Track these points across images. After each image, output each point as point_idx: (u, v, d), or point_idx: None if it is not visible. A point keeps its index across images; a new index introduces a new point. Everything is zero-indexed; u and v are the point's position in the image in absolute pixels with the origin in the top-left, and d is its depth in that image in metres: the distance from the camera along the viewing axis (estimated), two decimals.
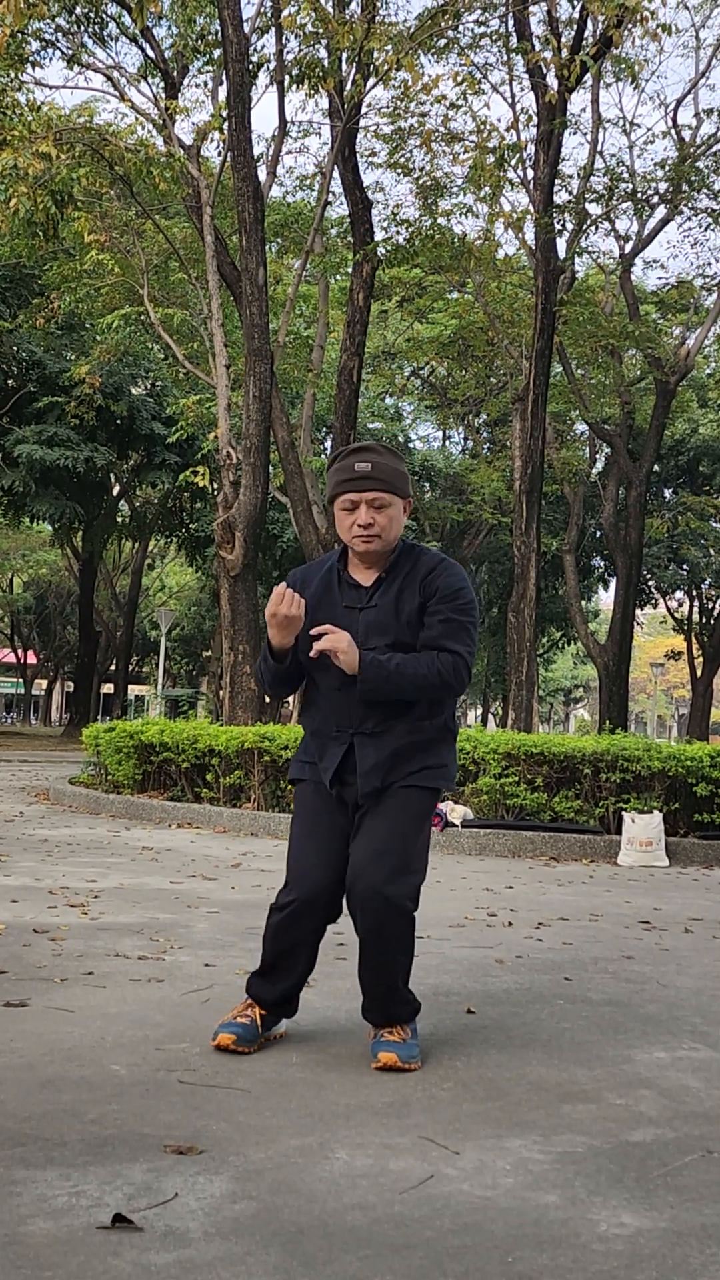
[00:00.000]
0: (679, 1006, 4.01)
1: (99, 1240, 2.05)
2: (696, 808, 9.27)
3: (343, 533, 3.21)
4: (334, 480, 3.22)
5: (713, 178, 17.67)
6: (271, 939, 3.24)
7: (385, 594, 3.23)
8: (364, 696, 3.16)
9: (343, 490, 3.20)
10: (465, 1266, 2.01)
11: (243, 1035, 3.19)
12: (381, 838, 3.16)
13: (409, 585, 3.23)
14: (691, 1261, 2.07)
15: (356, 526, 3.18)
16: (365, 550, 3.21)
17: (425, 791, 3.25)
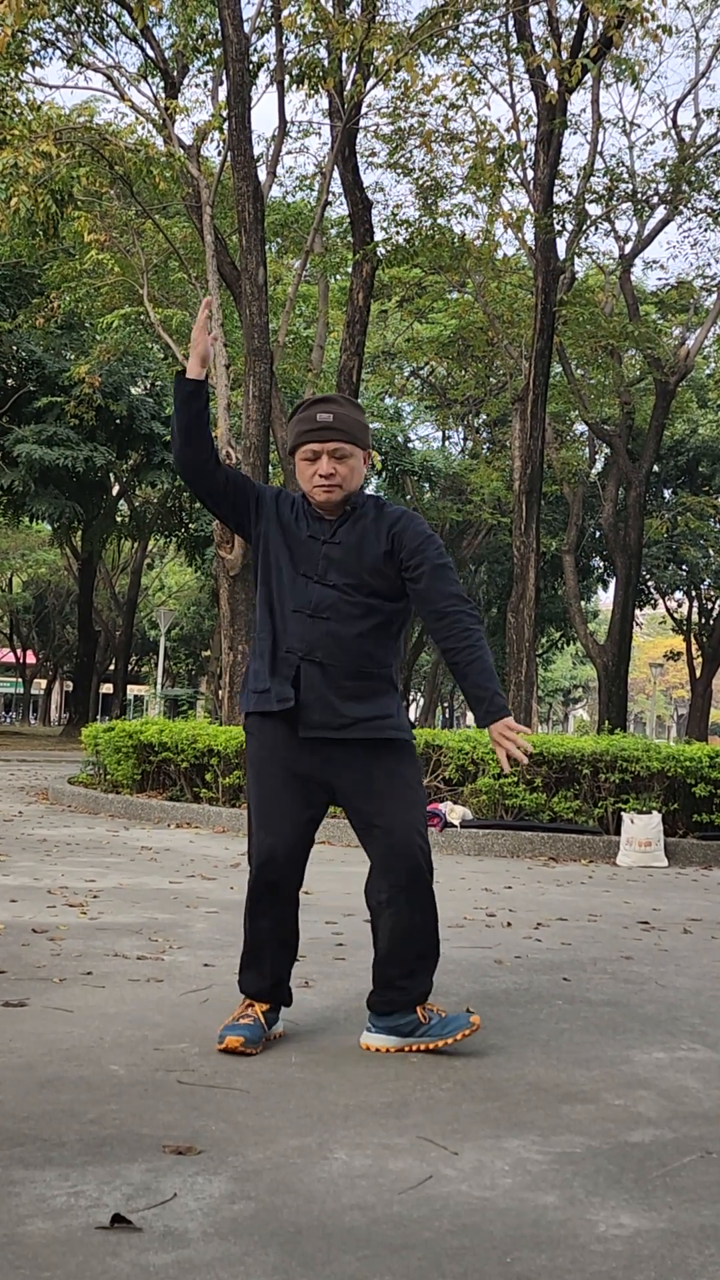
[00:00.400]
0: (678, 1007, 4.01)
1: (98, 1240, 2.05)
2: (695, 808, 9.27)
3: (304, 482, 3.27)
4: (295, 431, 3.28)
5: (713, 178, 17.68)
6: (248, 914, 3.27)
7: (350, 533, 3.28)
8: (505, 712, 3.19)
9: (305, 440, 3.25)
10: (464, 1267, 2.01)
11: (250, 1036, 3.19)
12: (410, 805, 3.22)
13: (373, 530, 3.29)
14: (690, 1262, 2.07)
15: (318, 476, 3.24)
16: (325, 500, 3.27)
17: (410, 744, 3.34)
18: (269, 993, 3.30)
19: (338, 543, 3.27)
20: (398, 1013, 3.26)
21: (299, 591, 3.25)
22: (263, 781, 3.26)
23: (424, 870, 3.19)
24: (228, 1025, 3.24)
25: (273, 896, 3.24)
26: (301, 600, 3.24)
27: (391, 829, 3.18)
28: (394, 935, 3.22)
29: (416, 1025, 3.25)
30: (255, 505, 3.34)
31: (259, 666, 3.32)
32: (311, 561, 3.26)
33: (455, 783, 9.60)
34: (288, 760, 3.25)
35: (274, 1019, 3.33)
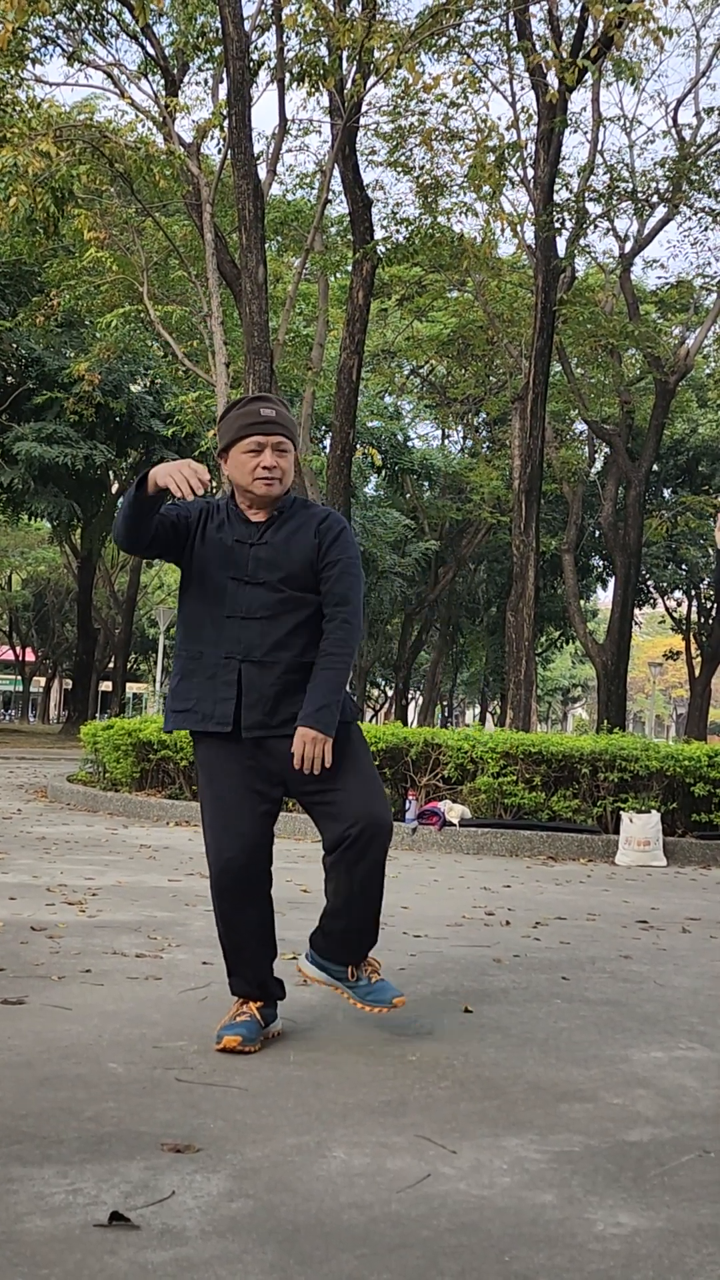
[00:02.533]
0: (676, 1006, 4.01)
1: (96, 1238, 2.05)
2: (694, 808, 9.27)
3: (243, 475, 3.28)
4: (237, 425, 3.30)
5: (713, 177, 17.66)
6: (216, 914, 3.30)
7: (277, 533, 3.32)
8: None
9: (249, 433, 3.28)
10: (462, 1265, 2.01)
11: (247, 1035, 3.21)
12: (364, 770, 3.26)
13: (303, 527, 3.34)
14: (688, 1261, 2.07)
15: (261, 469, 3.27)
16: (266, 493, 3.29)
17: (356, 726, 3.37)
18: (258, 992, 3.32)
19: (265, 543, 3.31)
20: (331, 960, 3.38)
21: (231, 597, 3.27)
22: (214, 783, 3.27)
23: (383, 851, 3.21)
24: (225, 1025, 3.25)
25: (240, 897, 3.25)
26: (234, 605, 3.27)
27: (349, 796, 3.20)
28: (341, 893, 3.24)
29: (345, 978, 3.37)
30: (187, 530, 3.36)
31: (182, 685, 3.33)
32: (241, 565, 3.28)
33: (454, 781, 9.60)
34: (235, 760, 3.27)
35: (271, 1015, 3.34)
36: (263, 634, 3.26)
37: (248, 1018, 3.26)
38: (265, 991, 3.32)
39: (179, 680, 3.35)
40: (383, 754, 9.64)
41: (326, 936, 3.35)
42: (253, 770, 3.28)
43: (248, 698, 3.24)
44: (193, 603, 3.33)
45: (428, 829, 8.92)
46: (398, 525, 30.09)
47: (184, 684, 3.33)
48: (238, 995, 3.33)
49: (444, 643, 38.71)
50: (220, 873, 3.24)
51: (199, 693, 3.28)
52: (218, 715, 3.25)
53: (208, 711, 3.26)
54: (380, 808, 3.21)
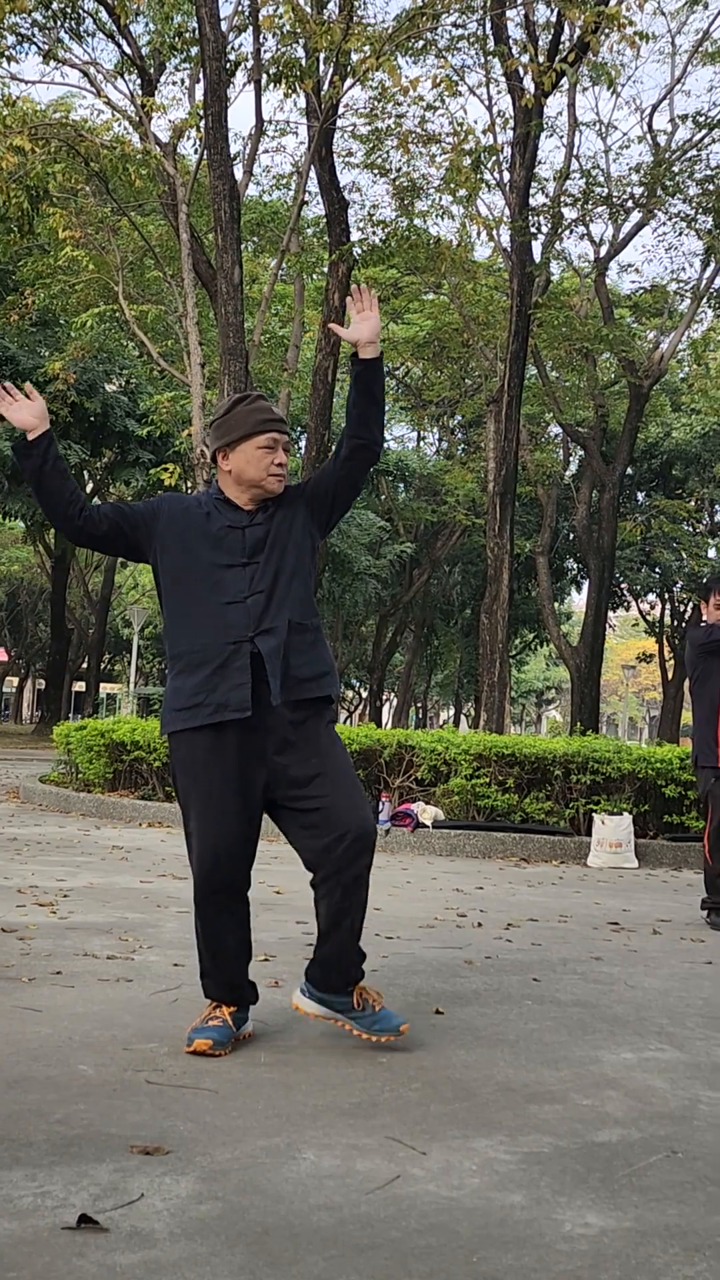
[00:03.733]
0: (646, 1008, 4.03)
1: (64, 1241, 2.05)
2: (666, 809, 9.32)
3: (256, 470, 3.29)
4: (252, 420, 3.30)
5: (687, 183, 17.76)
6: (197, 922, 3.28)
7: (271, 517, 3.34)
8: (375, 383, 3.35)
9: (265, 429, 3.30)
10: (430, 1266, 2.02)
11: (218, 1039, 3.19)
12: (347, 776, 3.24)
13: (290, 503, 3.38)
14: (655, 1261, 2.09)
15: (275, 465, 3.31)
16: (277, 488, 3.33)
17: (330, 703, 3.35)
18: (236, 994, 3.31)
19: (259, 524, 3.32)
20: (331, 992, 3.30)
21: (228, 582, 3.25)
22: (199, 784, 3.22)
23: (369, 861, 3.20)
24: (195, 1028, 3.24)
25: (224, 902, 3.24)
26: (235, 589, 3.25)
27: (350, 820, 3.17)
28: (331, 915, 3.22)
29: (349, 1007, 3.28)
30: (147, 528, 3.34)
31: (185, 681, 3.25)
32: (234, 549, 3.28)
33: (427, 783, 9.61)
34: (229, 755, 3.21)
35: (242, 1019, 3.33)
36: (264, 607, 3.25)
37: (220, 1022, 3.24)
38: (239, 995, 3.32)
39: (180, 677, 3.26)
40: (356, 755, 9.64)
41: (324, 965, 3.29)
42: (242, 768, 3.21)
43: (270, 666, 3.20)
44: (183, 597, 3.28)
45: (401, 831, 8.93)
46: (372, 527, 30.10)
47: (187, 680, 3.25)
48: (211, 998, 3.32)
49: (418, 645, 38.76)
50: (206, 877, 3.22)
51: (208, 686, 3.21)
52: (234, 703, 3.18)
53: (221, 702, 3.19)
54: (364, 814, 3.20)
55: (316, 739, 3.25)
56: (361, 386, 3.36)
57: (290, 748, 3.22)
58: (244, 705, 3.18)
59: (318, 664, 3.30)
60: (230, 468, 3.32)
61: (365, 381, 3.36)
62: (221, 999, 3.30)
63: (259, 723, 3.21)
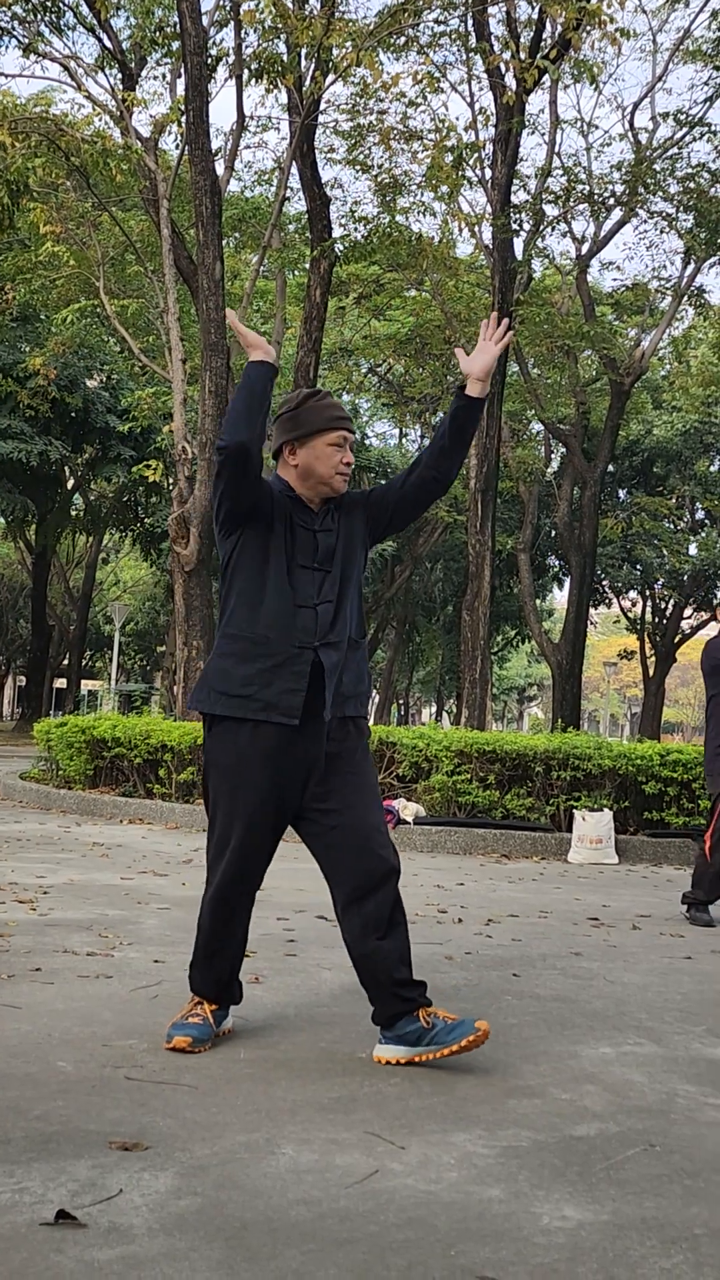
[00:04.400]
0: (625, 1002, 4.05)
1: (42, 1237, 2.04)
2: (646, 806, 9.35)
3: (326, 467, 3.24)
4: (326, 415, 3.25)
5: (668, 181, 17.81)
6: (206, 917, 3.22)
7: (333, 518, 3.31)
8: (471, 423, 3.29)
9: (339, 426, 3.26)
10: (408, 1260, 2.03)
11: (198, 1035, 3.18)
12: (376, 802, 3.21)
13: (350, 510, 3.35)
14: (632, 1254, 2.10)
15: (343, 464, 3.27)
16: (342, 488, 3.31)
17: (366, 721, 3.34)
18: (222, 992, 3.29)
19: (329, 529, 3.28)
20: (402, 1020, 3.17)
21: (300, 583, 3.19)
22: (237, 787, 3.13)
23: (396, 870, 3.17)
24: (176, 1024, 3.23)
25: (242, 901, 3.20)
26: (304, 593, 3.19)
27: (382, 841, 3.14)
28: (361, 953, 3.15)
29: (422, 1032, 3.14)
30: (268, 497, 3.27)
31: (237, 667, 3.16)
32: (307, 551, 3.23)
33: (409, 779, 9.62)
34: (273, 758, 3.13)
35: (223, 1016, 3.33)
36: (332, 618, 3.21)
37: (200, 1019, 3.23)
38: (226, 994, 3.29)
39: (233, 661, 3.17)
40: None
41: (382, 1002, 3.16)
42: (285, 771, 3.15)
43: (329, 681, 3.15)
44: (259, 581, 3.19)
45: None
46: None
47: (241, 667, 3.15)
48: (196, 994, 3.29)
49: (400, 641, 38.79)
50: (230, 880, 3.15)
51: (261, 680, 3.13)
52: (283, 706, 3.12)
53: (271, 701, 3.12)
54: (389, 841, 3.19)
55: (353, 756, 3.21)
56: (457, 424, 3.28)
57: (327, 761, 3.18)
58: (294, 712, 3.11)
59: (362, 682, 3.28)
60: (297, 463, 3.26)
61: (462, 420, 3.29)
62: (207, 996, 3.28)
63: (302, 733, 3.15)
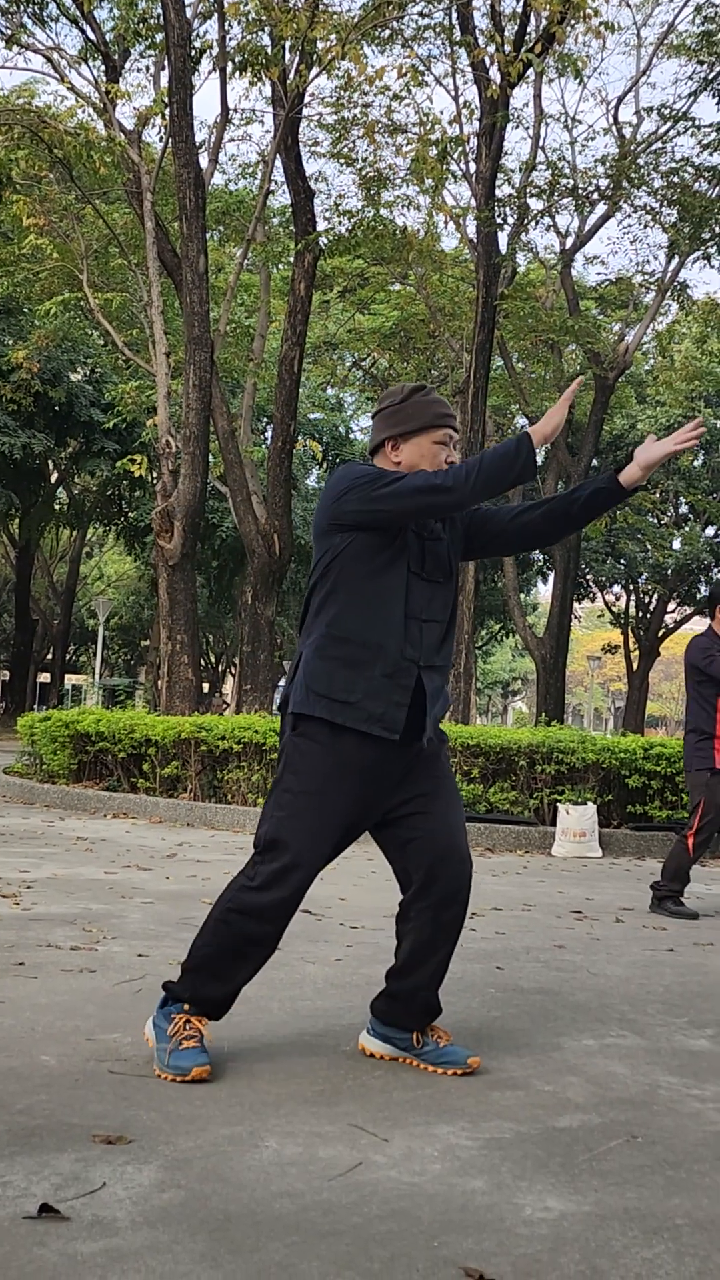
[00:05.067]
0: (608, 995, 4.06)
1: (25, 1230, 2.04)
2: (629, 799, 9.38)
3: (430, 464, 3.11)
4: (432, 412, 3.13)
5: (652, 175, 17.83)
6: (245, 923, 2.94)
7: (445, 529, 3.19)
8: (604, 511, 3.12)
9: (445, 424, 3.14)
10: (391, 1252, 2.03)
11: (210, 1058, 2.95)
12: (458, 805, 3.15)
13: (454, 529, 3.22)
14: (614, 1244, 2.11)
15: (448, 463, 3.12)
16: None
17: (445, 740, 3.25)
18: (223, 1010, 3.05)
19: (440, 538, 3.15)
20: (395, 1027, 3.15)
21: (413, 594, 3.06)
22: (331, 793, 2.96)
23: (470, 880, 3.10)
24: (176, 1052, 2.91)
25: (289, 916, 2.98)
26: (416, 605, 3.05)
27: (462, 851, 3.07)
28: (416, 949, 3.10)
29: (410, 1046, 3.13)
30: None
31: (343, 673, 3.00)
32: (419, 559, 3.09)
33: None
34: (362, 774, 3.00)
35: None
36: (438, 637, 3.11)
37: (196, 1042, 2.94)
38: (227, 1008, 3.07)
39: (338, 666, 3.00)
40: None
41: (394, 999, 3.14)
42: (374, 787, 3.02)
43: (431, 703, 3.05)
44: (375, 586, 3.02)
45: None
46: None
47: (348, 673, 2.99)
48: (201, 1013, 3.00)
49: None
50: (296, 892, 2.94)
51: (368, 689, 2.98)
52: (388, 719, 2.98)
53: (375, 713, 2.97)
54: (467, 848, 3.10)
55: (436, 759, 3.14)
56: (596, 504, 3.11)
57: (414, 769, 3.09)
58: (396, 728, 2.98)
59: (449, 702, 3.20)
60: (400, 460, 3.12)
61: (603, 502, 3.11)
62: (213, 1009, 3.02)
63: (397, 747, 3.04)
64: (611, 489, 3.08)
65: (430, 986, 3.12)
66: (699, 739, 6.08)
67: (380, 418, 3.19)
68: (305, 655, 3.06)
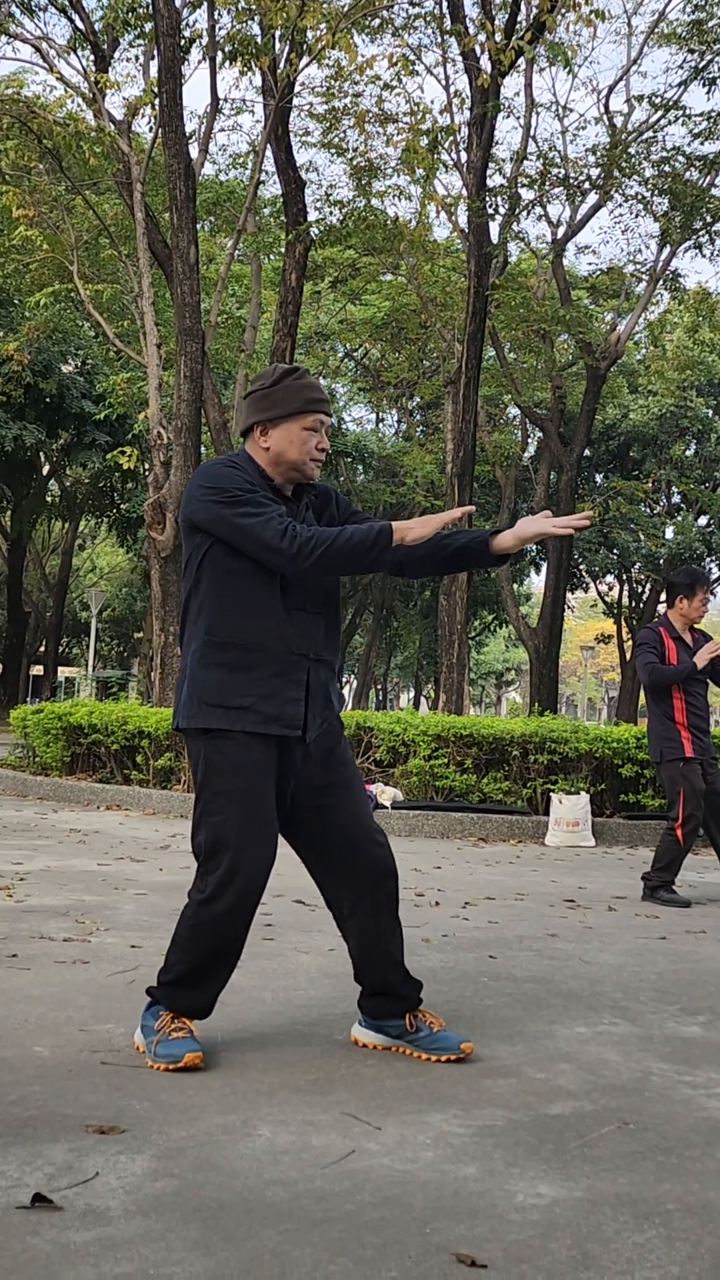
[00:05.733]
0: (601, 983, 4.08)
1: (18, 1220, 2.05)
2: (622, 789, 9.40)
3: (299, 451, 3.05)
4: (304, 397, 3.05)
5: (643, 164, 17.80)
6: (210, 932, 2.93)
7: (311, 514, 3.15)
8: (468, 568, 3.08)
9: (317, 409, 3.07)
10: (384, 1238, 2.04)
11: (201, 1046, 2.96)
12: (362, 792, 3.13)
13: (323, 507, 3.20)
14: (605, 1229, 2.12)
15: (318, 449, 3.08)
16: (314, 475, 3.12)
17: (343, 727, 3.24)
18: (207, 1010, 3.05)
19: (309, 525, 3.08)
20: (385, 1019, 3.15)
21: (294, 587, 3.02)
22: (250, 796, 2.93)
23: (393, 863, 3.10)
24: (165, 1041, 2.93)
25: (249, 919, 2.98)
26: (299, 597, 3.02)
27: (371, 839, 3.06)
28: (365, 941, 3.09)
29: (404, 1031, 3.12)
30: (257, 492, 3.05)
31: (232, 678, 2.96)
32: None
33: (386, 764, 9.64)
34: (270, 768, 2.99)
35: None
36: (322, 629, 3.07)
37: (186, 1033, 2.96)
38: (210, 1008, 3.07)
39: (225, 673, 2.96)
40: None
41: (373, 997, 3.14)
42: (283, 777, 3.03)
43: (313, 701, 3.02)
44: (248, 584, 2.98)
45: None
46: None
47: (237, 677, 2.95)
48: (185, 1015, 3.00)
49: (378, 627, 38.80)
50: (246, 893, 2.91)
51: (260, 690, 2.95)
52: (285, 717, 2.96)
53: (272, 712, 2.95)
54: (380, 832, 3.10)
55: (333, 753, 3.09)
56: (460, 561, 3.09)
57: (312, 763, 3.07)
58: (296, 724, 2.98)
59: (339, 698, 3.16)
60: (269, 445, 3.05)
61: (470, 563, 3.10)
62: (196, 1015, 3.02)
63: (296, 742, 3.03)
64: (479, 551, 3.06)
65: (397, 967, 3.12)
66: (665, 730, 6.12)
67: (250, 401, 3.11)
68: (189, 667, 3.02)
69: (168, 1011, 3.01)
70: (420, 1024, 3.12)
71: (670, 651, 6.15)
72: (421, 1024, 3.12)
